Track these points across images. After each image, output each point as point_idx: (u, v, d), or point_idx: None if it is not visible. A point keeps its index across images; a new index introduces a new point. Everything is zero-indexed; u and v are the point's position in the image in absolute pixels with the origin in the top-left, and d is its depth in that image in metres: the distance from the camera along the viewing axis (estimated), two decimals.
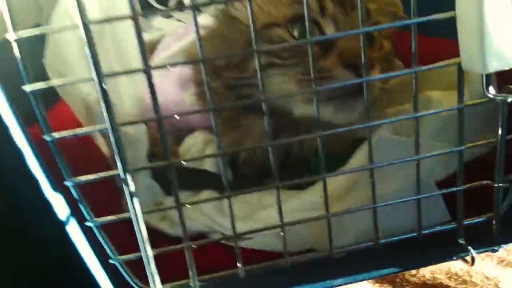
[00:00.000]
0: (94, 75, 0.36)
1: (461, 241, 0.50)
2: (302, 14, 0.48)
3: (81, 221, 0.42)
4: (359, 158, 0.54)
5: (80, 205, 0.40)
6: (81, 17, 0.34)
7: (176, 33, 0.87)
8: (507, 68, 0.40)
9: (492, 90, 0.42)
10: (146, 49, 0.37)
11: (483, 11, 0.38)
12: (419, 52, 0.77)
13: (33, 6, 0.81)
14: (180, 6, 0.57)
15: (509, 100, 0.42)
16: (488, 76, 0.42)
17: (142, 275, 0.46)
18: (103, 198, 0.53)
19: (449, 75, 0.53)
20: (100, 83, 0.36)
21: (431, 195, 0.48)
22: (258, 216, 0.56)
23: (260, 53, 0.39)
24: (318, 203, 0.47)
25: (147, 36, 0.83)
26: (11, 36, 0.35)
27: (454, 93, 0.49)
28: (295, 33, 0.56)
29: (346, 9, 0.56)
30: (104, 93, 0.37)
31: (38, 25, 0.80)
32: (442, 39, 0.63)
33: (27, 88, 0.36)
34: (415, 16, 0.40)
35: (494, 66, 0.40)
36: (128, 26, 0.69)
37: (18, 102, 0.38)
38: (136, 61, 0.68)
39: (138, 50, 0.37)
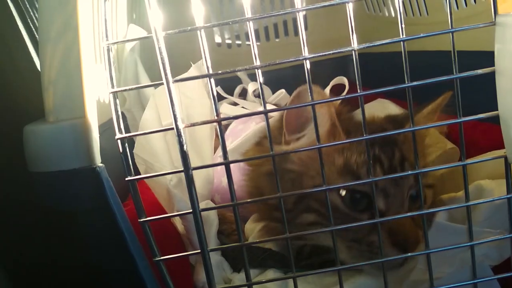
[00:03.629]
0: (183, 168, 0.43)
1: None
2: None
3: None
4: None
5: (165, 280, 0.46)
6: (175, 122, 0.42)
7: (242, 121, 0.96)
8: None
9: None
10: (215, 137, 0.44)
11: None
12: (477, 138, 0.80)
13: (119, 97, 0.94)
14: (256, 112, 0.64)
15: None
16: None
17: None
18: (181, 276, 0.59)
19: (500, 164, 0.57)
20: (188, 175, 0.43)
21: (486, 279, 0.50)
22: None
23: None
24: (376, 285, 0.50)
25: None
26: (118, 135, 0.43)
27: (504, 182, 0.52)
28: (346, 199, 0.59)
29: (396, 179, 0.58)
30: (190, 183, 0.43)
31: (122, 113, 0.92)
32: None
33: (129, 179, 0.43)
34: (460, 116, 0.45)
35: None
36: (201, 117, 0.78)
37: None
38: (207, 152, 0.77)
39: (214, 144, 0.44)
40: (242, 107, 1.09)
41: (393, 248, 0.55)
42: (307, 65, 0.43)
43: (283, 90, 1.11)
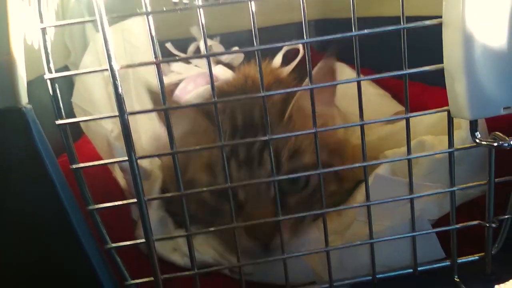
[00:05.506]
0: (118, 112, 0.41)
1: (456, 279, 0.52)
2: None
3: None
4: (357, 196, 0.57)
5: (99, 230, 0.44)
6: (109, 62, 0.39)
7: (193, 78, 0.94)
8: (492, 116, 0.45)
9: (479, 136, 0.46)
10: (166, 92, 0.42)
11: (467, 64, 0.42)
12: (423, 100, 0.81)
13: (62, 49, 0.89)
14: (197, 55, 0.63)
15: (495, 144, 0.45)
16: (474, 123, 0.45)
17: None
18: (120, 229, 0.57)
19: (443, 122, 0.57)
20: (123, 119, 0.41)
21: (425, 232, 0.51)
22: None
23: None
24: (318, 239, 0.50)
25: (166, 79, 0.89)
26: (47, 75, 0.41)
27: (447, 138, 0.52)
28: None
29: (253, 168, 0.57)
30: (126, 129, 0.41)
31: (66, 66, 0.87)
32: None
33: (59, 122, 0.41)
34: (406, 68, 0.45)
35: (479, 113, 0.44)
36: (148, 70, 0.76)
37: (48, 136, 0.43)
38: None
39: (158, 91, 0.42)
40: (195, 65, 1.06)
41: (249, 237, 0.54)
42: (252, 7, 0.41)
43: (236, 48, 1.08)
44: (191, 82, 0.93)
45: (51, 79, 0.40)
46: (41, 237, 0.44)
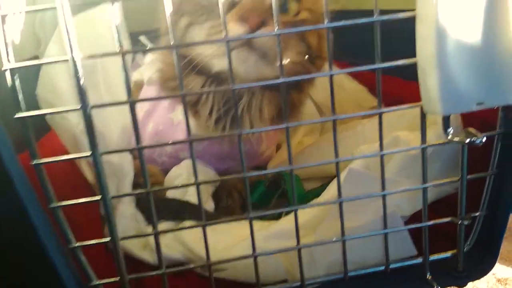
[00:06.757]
0: (80, 105, 0.39)
1: (428, 276, 0.52)
2: None
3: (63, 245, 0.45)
4: (331, 191, 0.56)
5: (62, 228, 0.43)
6: (71, 52, 0.37)
7: None
8: (464, 111, 0.44)
9: (451, 132, 0.46)
10: (137, 85, 0.41)
11: (440, 58, 0.41)
12: (398, 94, 0.81)
13: (31, 39, 0.85)
14: (165, 46, 0.61)
15: (466, 141, 0.45)
16: (447, 118, 0.45)
17: None
18: (88, 227, 0.55)
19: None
20: (86, 112, 0.39)
21: (397, 230, 0.50)
22: (237, 248, 0.58)
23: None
24: (291, 232, 0.49)
25: (138, 74, 0.87)
26: (6, 65, 0.38)
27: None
28: None
29: None
30: (89, 122, 0.40)
31: (36, 57, 0.84)
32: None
33: (19, 115, 0.39)
34: (380, 61, 0.44)
35: (452, 109, 0.43)
36: (117, 63, 0.73)
37: (11, 131, 0.41)
38: (124, 95, 0.72)
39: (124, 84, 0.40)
40: None
41: (237, 23, 0.57)
42: None
43: None
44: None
45: (11, 70, 0.38)
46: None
